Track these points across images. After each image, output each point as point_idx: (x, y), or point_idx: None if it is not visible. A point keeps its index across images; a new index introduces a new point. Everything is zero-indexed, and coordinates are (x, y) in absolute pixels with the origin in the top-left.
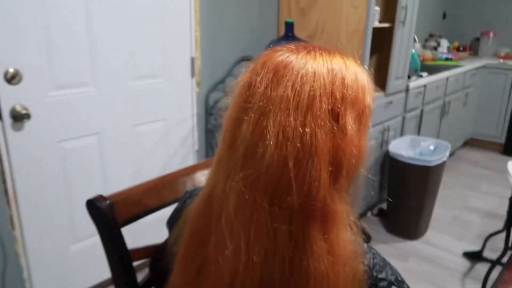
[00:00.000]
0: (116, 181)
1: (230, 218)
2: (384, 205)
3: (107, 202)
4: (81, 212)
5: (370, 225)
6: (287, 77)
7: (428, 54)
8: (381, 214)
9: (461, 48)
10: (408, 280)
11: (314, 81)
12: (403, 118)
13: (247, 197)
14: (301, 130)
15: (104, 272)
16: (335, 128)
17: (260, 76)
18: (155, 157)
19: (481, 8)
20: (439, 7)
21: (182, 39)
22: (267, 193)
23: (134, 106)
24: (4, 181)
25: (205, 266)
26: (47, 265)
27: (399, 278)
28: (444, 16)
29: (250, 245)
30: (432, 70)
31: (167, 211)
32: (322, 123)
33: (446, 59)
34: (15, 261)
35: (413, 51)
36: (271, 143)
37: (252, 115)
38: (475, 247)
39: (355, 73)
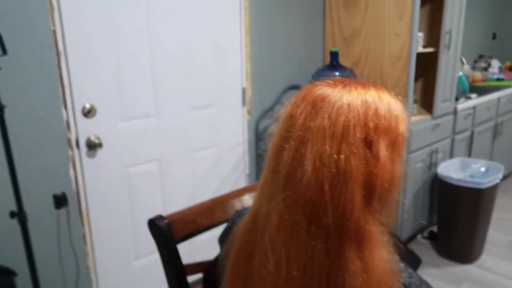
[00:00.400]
0: (174, 202)
1: (272, 235)
2: (435, 228)
3: (166, 221)
4: (143, 231)
5: (420, 248)
6: (324, 109)
7: (478, 75)
8: (432, 237)
9: None
10: None
11: (348, 112)
12: (452, 140)
13: (287, 217)
14: (336, 157)
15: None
16: (368, 155)
17: (300, 109)
18: (209, 181)
19: None
20: (489, 28)
21: (234, 71)
22: (305, 214)
23: (191, 134)
24: (79, 202)
25: (250, 279)
26: (113, 279)
27: None
28: (494, 36)
29: (290, 261)
30: (482, 91)
31: (219, 230)
32: (355, 151)
33: (498, 79)
34: (86, 274)
35: (461, 73)
36: (309, 168)
37: (292, 143)
38: None
39: (389, 104)
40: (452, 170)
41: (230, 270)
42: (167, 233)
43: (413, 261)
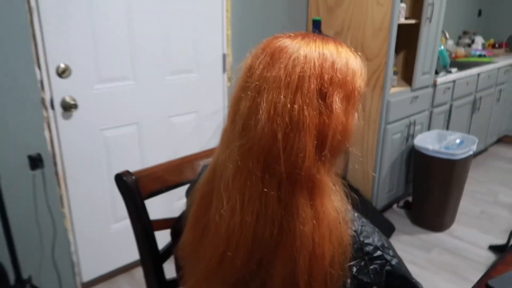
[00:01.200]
0: None
1: (228, 183)
2: (410, 198)
3: (133, 177)
4: None
5: (395, 217)
6: (281, 60)
7: (461, 51)
8: (407, 206)
9: (496, 45)
10: (430, 270)
11: (304, 63)
12: (431, 113)
13: (241, 164)
14: (290, 107)
15: None
16: (322, 106)
17: (259, 60)
18: (188, 147)
19: None
20: (474, 5)
21: (214, 37)
22: (259, 162)
23: (170, 98)
24: (55, 164)
25: (209, 226)
26: (91, 241)
27: (385, 245)
28: (480, 13)
29: (244, 207)
30: (463, 66)
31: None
32: (309, 101)
33: (479, 55)
34: (64, 236)
35: (442, 47)
36: (263, 117)
37: (250, 93)
38: (502, 241)
39: (347, 58)
40: (428, 142)
41: (192, 218)
42: (133, 188)
43: (387, 229)
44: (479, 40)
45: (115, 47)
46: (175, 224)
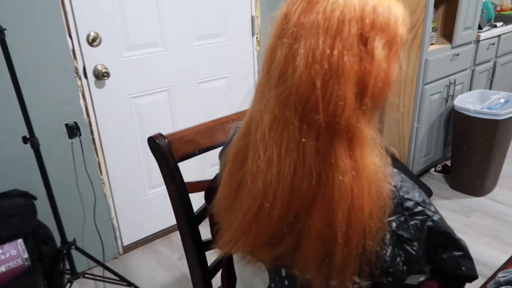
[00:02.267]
0: None
1: (264, 134)
2: (448, 162)
3: (165, 140)
4: (155, 162)
5: (432, 181)
6: (319, 4)
7: (508, 3)
8: (444, 170)
9: None
10: (469, 235)
11: (344, 7)
12: (472, 72)
13: (278, 114)
14: (329, 53)
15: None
16: (363, 52)
17: (296, 6)
18: (219, 112)
19: None
20: None
21: None
22: (296, 111)
23: (199, 64)
24: (91, 132)
25: (245, 179)
26: (129, 206)
27: (427, 201)
28: None
29: (281, 158)
30: (509, 20)
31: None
32: (349, 47)
33: None
34: (104, 202)
35: None
36: (301, 64)
37: (286, 41)
38: None
39: (389, 2)
40: (469, 102)
41: (226, 175)
42: (166, 150)
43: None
44: None
45: (143, 14)
46: (209, 185)
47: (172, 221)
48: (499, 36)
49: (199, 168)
